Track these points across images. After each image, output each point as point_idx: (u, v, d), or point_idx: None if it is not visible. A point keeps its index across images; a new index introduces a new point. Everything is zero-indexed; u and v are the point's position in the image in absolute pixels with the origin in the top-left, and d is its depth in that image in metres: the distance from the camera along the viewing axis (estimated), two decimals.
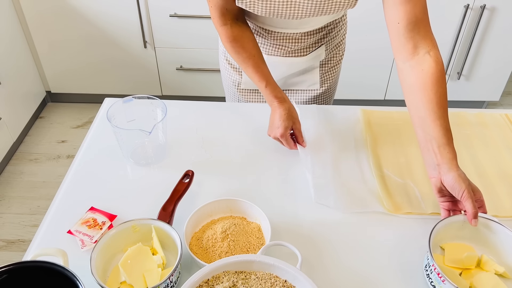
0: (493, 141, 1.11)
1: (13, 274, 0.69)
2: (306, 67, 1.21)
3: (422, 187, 0.97)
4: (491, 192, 0.97)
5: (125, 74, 2.49)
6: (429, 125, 0.85)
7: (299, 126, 1.05)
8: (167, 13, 2.24)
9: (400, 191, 0.97)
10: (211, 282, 0.70)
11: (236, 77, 1.27)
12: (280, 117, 1.02)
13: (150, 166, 1.04)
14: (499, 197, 0.96)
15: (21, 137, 2.41)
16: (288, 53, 1.16)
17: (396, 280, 0.81)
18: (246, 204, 0.88)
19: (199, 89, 2.54)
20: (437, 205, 0.91)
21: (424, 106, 0.85)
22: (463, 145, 1.09)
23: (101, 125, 1.16)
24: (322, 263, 0.84)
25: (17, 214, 2.01)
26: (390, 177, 1.00)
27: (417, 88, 0.86)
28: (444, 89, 0.86)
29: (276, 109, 1.04)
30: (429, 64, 0.86)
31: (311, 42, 1.15)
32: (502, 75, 2.43)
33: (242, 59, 1.06)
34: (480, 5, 2.17)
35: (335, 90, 1.35)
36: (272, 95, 1.04)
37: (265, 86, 1.05)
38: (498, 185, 0.98)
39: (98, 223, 0.88)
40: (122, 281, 0.77)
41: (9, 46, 2.24)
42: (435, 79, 0.86)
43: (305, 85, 1.26)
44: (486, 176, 1.01)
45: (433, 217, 0.92)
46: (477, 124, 1.16)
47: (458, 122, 1.16)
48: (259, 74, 1.05)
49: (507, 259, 0.81)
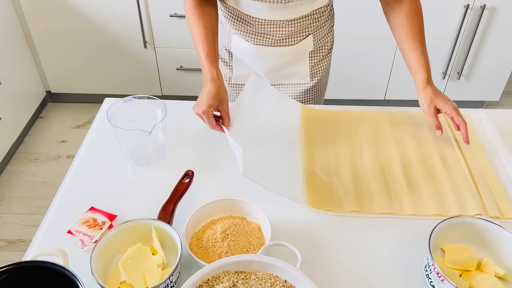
0: (425, 141, 1.11)
1: (13, 274, 0.69)
2: (295, 58, 1.22)
3: (346, 187, 0.99)
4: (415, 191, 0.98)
5: (125, 74, 2.49)
6: (407, 55, 1.07)
7: (227, 108, 1.02)
8: (167, 13, 2.24)
9: (325, 188, 0.98)
10: (211, 282, 0.70)
11: (227, 71, 1.28)
12: (208, 94, 1.00)
13: (150, 166, 1.04)
14: (421, 197, 0.97)
15: (21, 137, 2.41)
16: (275, 42, 1.16)
17: (396, 280, 0.81)
18: (246, 204, 0.88)
19: (199, 89, 2.51)
20: (358, 204, 0.94)
21: (403, 40, 1.07)
22: (394, 144, 1.10)
23: (101, 125, 1.16)
24: (322, 263, 0.84)
25: (17, 214, 2.01)
26: (317, 174, 1.02)
27: (397, 26, 1.07)
28: (418, 23, 1.06)
29: (207, 85, 1.01)
30: (406, 4, 1.06)
31: (296, 31, 1.15)
32: (502, 75, 2.43)
33: (197, 27, 1.06)
34: (480, 5, 2.17)
35: (326, 84, 1.36)
36: (207, 69, 1.02)
37: (204, 57, 1.03)
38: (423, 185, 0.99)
39: (98, 223, 0.88)
40: (122, 281, 0.77)
41: (9, 46, 2.24)
42: (411, 16, 1.06)
43: (295, 78, 1.26)
44: (413, 176, 1.02)
45: (433, 218, 0.92)
46: (411, 124, 1.16)
47: (394, 122, 1.17)
48: (204, 45, 1.04)
49: (507, 261, 0.81)
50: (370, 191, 0.98)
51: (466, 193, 0.97)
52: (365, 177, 1.01)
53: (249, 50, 1.18)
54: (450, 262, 0.81)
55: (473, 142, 1.11)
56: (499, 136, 1.13)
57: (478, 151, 1.08)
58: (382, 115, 1.19)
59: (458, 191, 0.98)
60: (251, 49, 1.18)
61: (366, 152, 1.08)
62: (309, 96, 1.30)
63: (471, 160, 1.06)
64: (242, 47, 1.19)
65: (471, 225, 0.83)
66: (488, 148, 1.10)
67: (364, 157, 1.06)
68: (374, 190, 0.98)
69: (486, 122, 1.18)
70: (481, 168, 1.04)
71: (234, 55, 1.24)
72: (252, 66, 1.23)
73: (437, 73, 2.41)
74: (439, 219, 0.85)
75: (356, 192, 0.97)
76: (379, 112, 1.20)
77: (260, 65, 1.21)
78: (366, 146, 1.09)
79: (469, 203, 0.95)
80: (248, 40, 1.17)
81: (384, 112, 1.20)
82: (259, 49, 1.17)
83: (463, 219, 0.83)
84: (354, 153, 1.07)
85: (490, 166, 1.04)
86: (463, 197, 0.96)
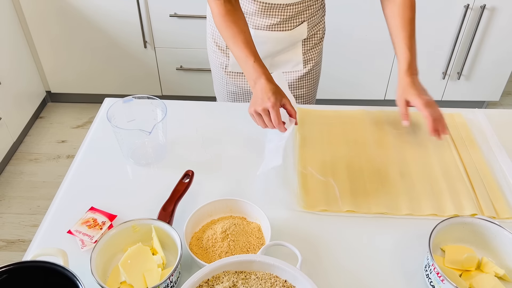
0: (422, 140, 1.11)
1: (13, 274, 0.69)
2: (290, 45, 1.25)
3: (342, 185, 0.99)
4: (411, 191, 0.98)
5: (125, 74, 2.49)
6: (394, 45, 1.10)
7: (289, 103, 1.00)
8: (167, 13, 2.24)
9: (320, 188, 0.98)
10: (211, 282, 0.70)
11: (224, 59, 1.30)
12: (270, 90, 0.98)
13: (150, 166, 1.04)
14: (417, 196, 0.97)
15: (21, 137, 2.41)
16: (272, 27, 1.19)
17: (396, 280, 0.81)
18: (246, 204, 0.88)
19: (199, 89, 2.54)
20: (354, 204, 0.94)
21: (393, 31, 1.10)
22: (390, 144, 1.10)
23: (101, 125, 1.16)
24: (322, 263, 0.84)
25: (17, 214, 2.01)
26: (312, 174, 1.01)
27: (389, 16, 1.11)
28: (409, 15, 1.08)
29: (263, 85, 1.00)
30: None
31: (292, 15, 1.19)
32: (502, 75, 2.43)
33: (233, 34, 1.06)
34: (480, 5, 2.17)
35: (319, 74, 1.38)
36: (260, 71, 1.02)
37: (253, 61, 1.04)
38: (419, 185, 0.99)
39: (98, 223, 0.88)
40: (122, 281, 0.77)
41: (9, 46, 2.24)
42: (402, 8, 1.09)
43: (289, 66, 1.29)
44: (409, 175, 1.02)
45: (433, 218, 0.92)
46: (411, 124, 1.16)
47: (389, 121, 1.17)
48: (248, 49, 1.05)
49: (507, 261, 0.81)
50: (366, 191, 0.98)
51: (462, 193, 0.97)
52: (361, 177, 1.01)
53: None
54: (450, 262, 0.81)
55: (469, 142, 1.11)
56: (495, 136, 1.13)
57: (474, 151, 1.09)
58: (377, 115, 1.19)
59: (454, 191, 0.98)
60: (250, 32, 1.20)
61: (362, 151, 1.08)
62: (302, 83, 1.32)
63: (467, 160, 1.06)
64: None
65: (471, 225, 0.83)
66: (484, 148, 1.10)
67: (360, 156, 1.07)
68: (370, 190, 0.98)
69: (483, 121, 1.18)
70: (477, 168, 1.04)
71: None
72: None
73: (437, 73, 2.41)
74: (437, 219, 0.85)
75: (352, 192, 0.97)
76: (374, 111, 1.21)
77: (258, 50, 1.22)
78: (362, 146, 1.09)
79: (465, 203, 0.95)
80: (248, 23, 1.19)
81: (379, 112, 1.20)
82: (257, 33, 1.20)
83: (463, 219, 0.83)
84: (350, 153, 1.07)
85: (486, 166, 1.04)
86: (459, 197, 0.96)
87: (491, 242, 0.83)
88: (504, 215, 0.93)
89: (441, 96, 2.50)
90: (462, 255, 0.81)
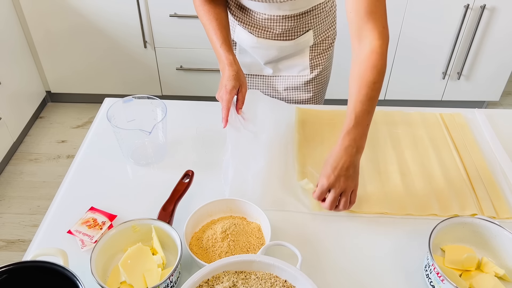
0: (422, 140, 1.11)
1: (13, 274, 0.69)
2: (296, 51, 1.24)
3: None
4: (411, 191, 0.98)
5: (125, 74, 2.49)
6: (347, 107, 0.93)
7: (245, 91, 1.07)
8: (167, 13, 2.24)
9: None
10: (211, 282, 0.70)
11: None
12: (228, 77, 1.05)
13: (150, 166, 1.04)
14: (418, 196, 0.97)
15: (21, 137, 2.41)
16: (276, 36, 1.18)
17: (396, 280, 0.81)
18: (246, 204, 0.88)
19: (199, 89, 2.54)
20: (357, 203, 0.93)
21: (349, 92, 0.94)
22: (390, 144, 1.10)
23: (101, 125, 1.16)
24: (322, 263, 0.84)
25: (17, 214, 2.01)
26: (312, 174, 1.01)
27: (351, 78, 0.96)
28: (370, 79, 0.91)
29: (225, 71, 1.06)
30: (365, 55, 0.93)
31: (296, 26, 1.17)
32: (502, 75, 2.43)
33: (209, 20, 1.11)
34: (480, 5, 2.17)
35: (327, 79, 1.36)
36: (224, 56, 1.07)
37: (219, 45, 1.08)
38: (419, 185, 0.99)
39: (98, 223, 0.88)
40: (122, 281, 0.77)
41: (9, 46, 2.23)
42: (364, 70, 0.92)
43: (295, 70, 1.28)
44: (410, 175, 1.02)
45: (433, 218, 0.92)
46: (408, 124, 1.16)
47: (390, 122, 1.17)
48: (218, 35, 1.10)
49: (507, 261, 0.81)
50: (366, 191, 0.98)
51: (462, 193, 0.97)
52: (361, 177, 1.01)
53: (251, 41, 1.21)
54: (450, 262, 0.81)
55: (469, 142, 1.11)
56: (495, 136, 1.13)
57: (474, 151, 1.08)
58: (378, 115, 1.19)
59: (454, 191, 0.98)
60: (252, 40, 1.20)
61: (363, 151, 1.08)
62: (309, 87, 1.30)
63: (467, 160, 1.06)
64: (244, 38, 1.22)
65: (471, 225, 0.83)
66: (484, 148, 1.10)
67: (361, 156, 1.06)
68: (370, 190, 0.98)
69: (483, 121, 1.18)
70: (477, 168, 1.04)
71: (238, 44, 1.27)
72: (254, 55, 1.25)
73: (437, 73, 2.41)
74: (437, 219, 0.85)
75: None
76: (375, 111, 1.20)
77: (261, 56, 1.24)
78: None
79: (465, 203, 0.95)
80: (251, 32, 1.19)
81: (380, 112, 1.20)
82: (260, 41, 1.20)
83: (463, 219, 0.83)
84: None
85: (486, 166, 1.04)
86: (459, 197, 0.96)
87: (491, 242, 0.83)
88: (504, 215, 0.93)
89: (441, 96, 2.50)
90: (462, 255, 0.81)
